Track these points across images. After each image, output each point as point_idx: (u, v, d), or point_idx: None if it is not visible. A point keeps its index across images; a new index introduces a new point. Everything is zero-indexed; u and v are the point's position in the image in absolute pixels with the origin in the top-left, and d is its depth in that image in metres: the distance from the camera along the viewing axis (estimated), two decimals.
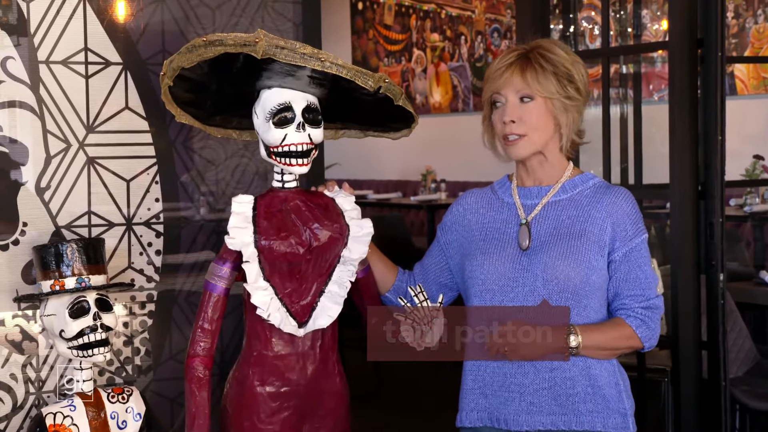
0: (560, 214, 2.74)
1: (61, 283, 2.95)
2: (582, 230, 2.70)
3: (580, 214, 2.72)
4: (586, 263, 2.67)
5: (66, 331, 2.93)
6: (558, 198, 2.77)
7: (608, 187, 2.79)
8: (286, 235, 2.83)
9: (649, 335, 2.71)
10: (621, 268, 2.70)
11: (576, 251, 2.68)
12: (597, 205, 2.73)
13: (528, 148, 2.73)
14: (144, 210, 3.31)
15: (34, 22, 3.14)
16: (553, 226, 2.73)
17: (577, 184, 2.78)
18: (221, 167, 3.47)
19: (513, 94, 2.71)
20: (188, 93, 2.93)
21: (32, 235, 3.13)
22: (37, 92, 3.14)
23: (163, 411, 3.29)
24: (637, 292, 2.70)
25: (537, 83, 2.68)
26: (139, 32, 3.31)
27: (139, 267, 3.31)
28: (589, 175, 2.82)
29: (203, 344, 2.86)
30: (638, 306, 2.69)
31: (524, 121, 2.70)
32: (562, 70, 2.71)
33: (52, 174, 3.18)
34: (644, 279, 2.71)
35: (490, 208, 2.86)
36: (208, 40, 2.71)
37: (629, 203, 2.74)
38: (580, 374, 2.70)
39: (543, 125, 2.72)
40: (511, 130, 2.72)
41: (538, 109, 2.70)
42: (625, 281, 2.70)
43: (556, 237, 2.71)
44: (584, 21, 7.69)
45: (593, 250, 2.68)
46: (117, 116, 3.26)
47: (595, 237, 2.69)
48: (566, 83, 2.71)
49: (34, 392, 3.15)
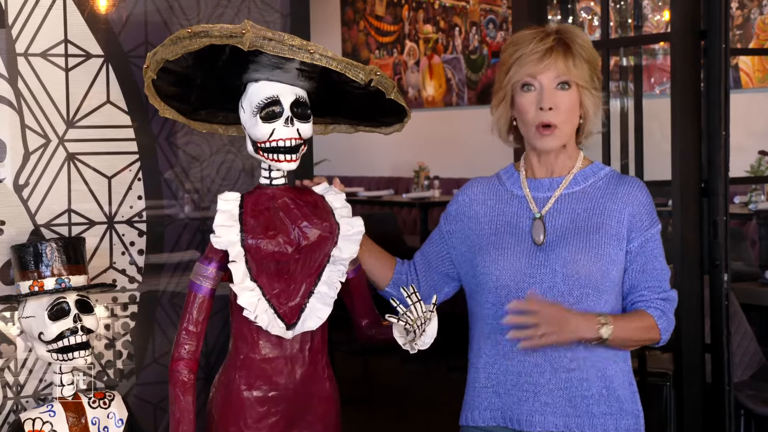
0: (576, 207, 2.77)
1: (40, 283, 2.96)
2: (600, 223, 2.73)
3: (596, 206, 2.75)
4: (606, 257, 2.70)
5: (45, 334, 2.94)
6: (571, 190, 2.79)
7: (620, 177, 2.82)
8: (274, 233, 2.85)
9: (668, 327, 2.75)
10: (637, 259, 2.74)
11: (596, 245, 2.71)
12: (612, 196, 2.76)
13: (561, 139, 2.75)
14: (126, 208, 3.32)
15: (12, 13, 3.15)
16: (570, 219, 2.76)
17: (589, 175, 2.81)
18: (206, 163, 3.48)
19: (551, 80, 2.71)
20: (172, 86, 2.95)
21: (10, 234, 3.13)
22: (16, 86, 3.15)
23: (146, 416, 3.30)
24: (654, 283, 2.74)
25: (576, 69, 2.70)
26: (121, 23, 3.32)
27: (121, 267, 3.32)
28: (599, 165, 2.85)
29: (188, 347, 2.87)
30: (656, 297, 2.73)
31: (560, 109, 2.71)
32: (592, 58, 2.75)
33: (31, 170, 3.18)
34: (661, 270, 2.76)
35: (499, 200, 2.87)
36: (193, 31, 2.72)
37: (644, 193, 2.77)
38: (596, 376, 2.74)
39: (573, 115, 2.75)
40: (549, 119, 2.71)
41: (572, 97, 2.72)
42: (642, 272, 2.74)
43: (574, 231, 2.74)
44: (583, 11, 7.71)
45: (612, 244, 2.72)
46: (98, 111, 3.27)
47: (614, 230, 2.72)
48: (593, 72, 2.75)
49: (12, 397, 3.16)
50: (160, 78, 2.89)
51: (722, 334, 3.84)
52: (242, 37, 2.65)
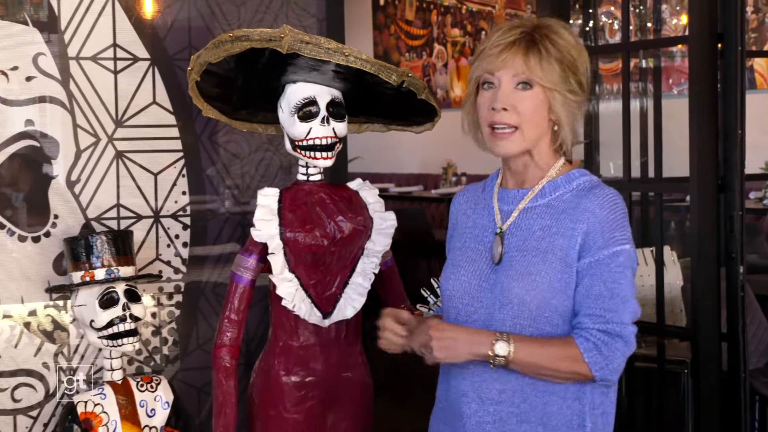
0: (533, 224, 2.29)
1: (91, 274, 2.98)
2: (550, 244, 2.24)
3: (553, 224, 2.26)
4: (545, 285, 2.21)
5: (96, 321, 2.96)
6: (534, 204, 2.31)
7: (590, 189, 2.28)
8: (311, 227, 2.86)
9: (602, 364, 2.16)
10: (583, 281, 2.21)
11: (535, 271, 2.23)
12: (572, 212, 2.24)
13: (518, 144, 2.27)
14: (171, 203, 3.35)
15: (65, 19, 3.17)
16: (523, 238, 2.28)
17: (560, 185, 2.30)
18: (246, 161, 3.50)
19: (509, 78, 2.25)
20: (215, 88, 2.96)
21: (63, 228, 3.17)
22: (68, 87, 3.18)
23: (190, 399, 3.32)
24: (596, 312, 2.18)
25: (540, 69, 2.23)
26: (167, 28, 3.34)
27: (167, 259, 3.35)
28: (575, 174, 2.32)
29: (230, 334, 2.89)
30: (594, 327, 2.17)
31: (518, 111, 2.24)
32: (568, 58, 2.25)
33: (82, 167, 3.21)
34: (608, 298, 2.18)
35: (476, 210, 2.44)
36: (235, 35, 2.74)
37: (606, 209, 2.23)
38: (531, 410, 2.25)
39: (538, 119, 2.26)
40: (501, 119, 2.25)
41: (535, 99, 2.24)
42: (585, 297, 2.20)
43: (522, 252, 2.26)
44: (604, 15, 7.68)
45: (556, 269, 2.22)
46: (145, 111, 3.30)
47: (563, 252, 2.22)
48: (570, 74, 2.26)
49: (66, 380, 3.18)
50: (203, 80, 2.91)
51: (738, 324, 3.81)
52: (281, 41, 2.66)
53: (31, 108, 3.15)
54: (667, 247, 4.75)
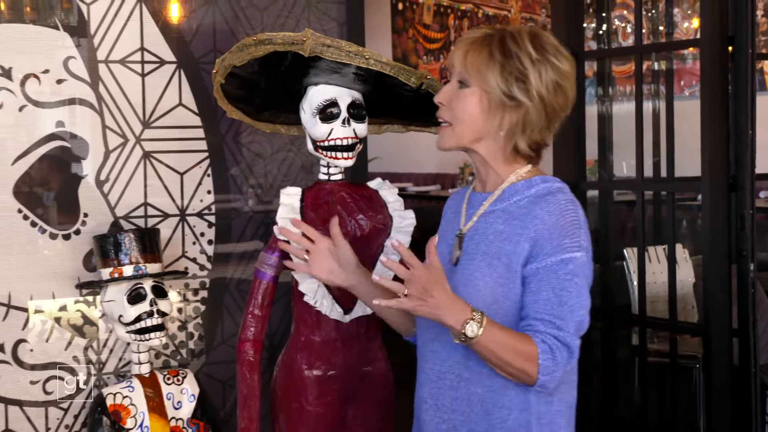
0: (488, 228, 2.21)
1: (119, 270, 3.00)
2: (498, 249, 2.16)
3: (505, 229, 2.17)
4: (487, 290, 2.14)
5: (124, 316, 2.98)
6: (494, 208, 2.23)
7: (544, 195, 2.18)
8: None
9: (551, 369, 2.07)
10: (531, 286, 2.11)
11: (480, 275, 2.15)
12: (524, 218, 2.15)
13: (450, 140, 2.25)
14: (197, 201, 3.36)
15: (94, 24, 3.19)
16: (477, 242, 2.21)
17: (518, 191, 2.21)
18: (269, 161, 3.51)
19: (454, 76, 2.22)
20: (239, 90, 2.97)
21: (92, 226, 3.18)
22: (97, 90, 3.19)
23: (215, 392, 3.33)
24: (545, 317, 2.08)
25: (476, 70, 2.16)
26: (192, 32, 3.36)
27: (193, 256, 3.36)
28: (537, 180, 2.22)
29: (253, 329, 2.90)
30: (548, 332, 2.08)
31: (452, 108, 2.21)
32: (515, 66, 2.14)
33: (111, 167, 3.23)
34: (557, 305, 2.08)
35: (454, 213, 2.39)
36: (258, 39, 2.74)
37: (555, 216, 2.13)
38: (479, 420, 2.18)
39: (471, 119, 2.19)
40: (439, 114, 2.25)
41: (470, 99, 2.18)
42: (534, 301, 2.10)
43: (472, 257, 2.19)
44: (617, 19, 7.66)
45: (499, 274, 2.14)
46: (171, 112, 3.31)
47: (508, 258, 2.14)
48: (513, 81, 2.14)
49: (95, 374, 3.21)
50: (227, 82, 2.91)
51: (749, 320, 3.81)
52: (303, 44, 2.67)
53: (62, 110, 3.16)
54: (679, 245, 4.75)
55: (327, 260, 2.44)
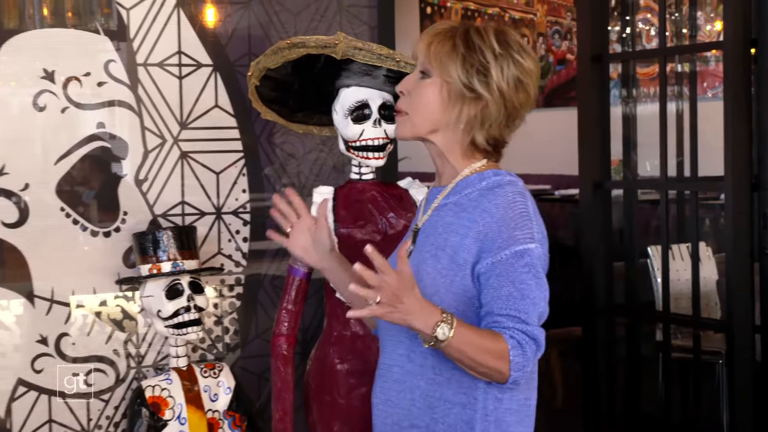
0: (438, 221, 2.13)
1: (157, 267, 3.02)
2: (444, 241, 2.08)
3: (454, 221, 2.09)
4: (429, 281, 2.05)
5: (162, 311, 3.00)
6: (446, 201, 2.15)
7: (493, 188, 2.10)
8: (364, 223, 2.87)
9: (522, 365, 1.97)
10: (490, 282, 2.01)
11: (423, 268, 2.07)
12: (473, 211, 2.07)
13: (405, 129, 2.15)
14: (232, 200, 3.37)
15: (133, 28, 3.21)
16: (427, 236, 2.14)
17: (470, 183, 2.13)
18: (301, 161, 3.52)
19: (418, 67, 2.15)
20: (273, 92, 2.98)
21: (131, 223, 3.20)
22: (136, 92, 3.22)
23: (250, 385, 3.34)
24: (510, 312, 1.98)
25: (438, 61, 2.09)
26: (228, 36, 3.37)
27: (228, 253, 3.37)
28: (489, 174, 2.13)
29: (287, 324, 2.91)
30: (515, 327, 1.98)
31: (411, 97, 2.13)
32: (477, 59, 2.08)
33: (149, 167, 3.25)
34: (519, 299, 1.99)
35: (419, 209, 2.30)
36: (292, 42, 2.76)
37: (503, 209, 2.04)
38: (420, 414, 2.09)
39: (428, 108, 2.11)
40: (398, 103, 2.17)
41: (430, 89, 2.11)
42: (496, 298, 2.00)
43: (422, 250, 2.12)
44: (641, 22, 7.62)
45: (443, 265, 2.06)
46: (207, 114, 3.33)
47: (452, 250, 2.05)
48: (474, 73, 2.07)
49: (134, 366, 3.23)
50: (262, 84, 2.93)
51: None
52: (335, 47, 2.68)
53: (102, 111, 3.19)
54: (702, 243, 4.72)
55: (304, 238, 2.33)
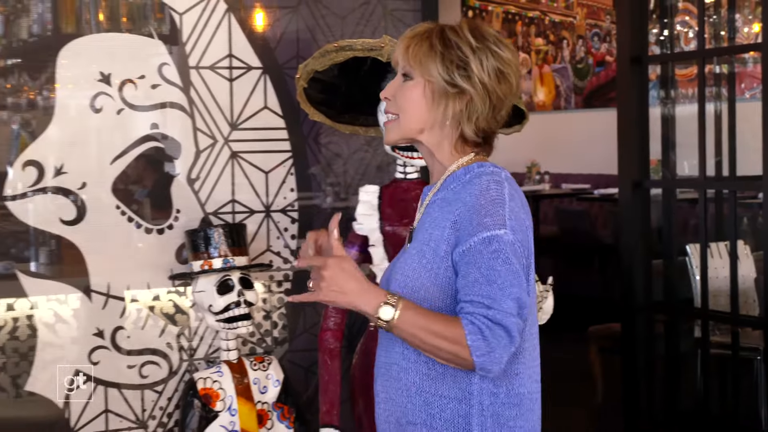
0: (426, 219, 2.10)
1: (209, 263, 3.04)
2: (428, 236, 2.05)
3: (438, 216, 2.06)
4: (414, 276, 2.03)
5: (214, 306, 3.02)
6: (435, 198, 2.13)
7: (471, 179, 2.07)
8: (408, 221, 2.87)
9: (484, 350, 1.89)
10: (460, 270, 1.98)
11: (409, 263, 2.05)
12: (453, 203, 2.05)
13: (396, 132, 2.12)
14: (280, 199, 3.39)
15: (186, 33, 3.24)
16: (418, 233, 2.10)
17: (457, 178, 2.11)
18: (347, 160, 3.53)
19: (399, 70, 2.13)
20: (320, 94, 2.99)
21: (184, 221, 3.24)
22: (188, 94, 3.24)
23: (298, 378, 3.37)
24: (474, 298, 1.93)
25: (418, 62, 2.07)
26: (276, 40, 3.39)
27: (277, 249, 3.39)
28: (473, 167, 2.10)
29: (334, 319, 2.92)
30: (477, 312, 1.91)
31: (396, 100, 2.11)
32: (456, 54, 2.06)
33: (201, 166, 3.27)
34: (485, 284, 1.93)
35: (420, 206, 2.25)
36: (339, 45, 2.76)
37: (475, 197, 2.01)
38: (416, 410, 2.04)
39: (415, 109, 2.09)
40: (386, 108, 2.14)
41: (414, 89, 2.09)
42: (464, 285, 1.95)
43: (412, 248, 2.08)
44: (679, 25, 7.56)
45: (428, 259, 2.03)
46: (257, 115, 3.35)
47: (435, 243, 2.02)
48: (454, 69, 2.05)
49: (187, 359, 3.26)
50: (310, 86, 2.94)
51: None
52: (382, 50, 2.68)
53: (156, 113, 3.22)
54: (740, 241, 4.67)
55: None
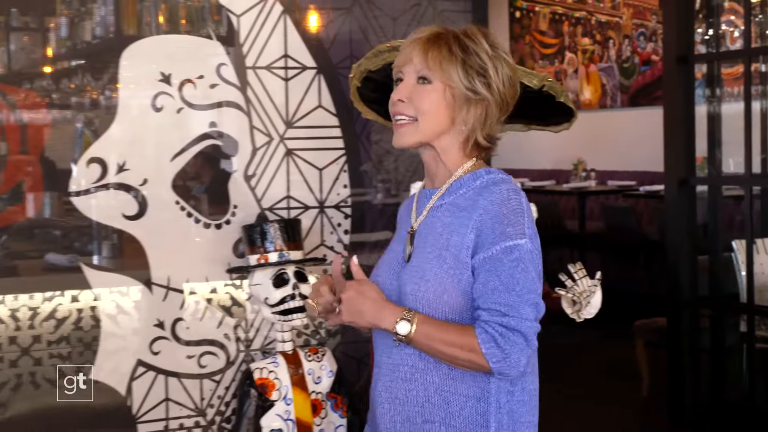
0: (436, 222, 2.08)
1: (265, 257, 3.06)
2: (446, 241, 2.04)
3: (453, 221, 2.05)
4: (436, 281, 2.01)
5: (269, 299, 3.04)
6: (441, 202, 2.11)
7: (488, 186, 2.06)
8: None
9: (499, 357, 1.93)
10: (479, 277, 1.99)
11: (429, 268, 2.03)
12: (469, 209, 2.05)
13: (413, 135, 2.08)
14: (334, 195, 3.41)
15: (243, 34, 3.26)
16: (425, 236, 2.09)
17: (464, 183, 2.10)
18: (397, 158, 3.53)
19: (412, 73, 2.09)
20: (373, 93, 2.98)
21: (241, 216, 3.26)
22: (245, 93, 3.26)
23: (351, 369, 3.38)
24: (492, 306, 1.96)
25: (438, 66, 2.06)
26: (330, 41, 3.40)
27: (330, 244, 3.41)
28: (481, 172, 2.10)
29: None
30: (493, 320, 1.95)
31: (415, 103, 2.08)
32: (475, 61, 2.07)
33: (257, 164, 3.29)
34: (504, 292, 1.96)
35: (407, 212, 2.22)
36: (392, 45, 2.75)
37: (497, 205, 2.01)
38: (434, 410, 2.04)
39: (435, 113, 2.07)
40: (400, 110, 2.10)
41: (434, 94, 2.07)
42: (483, 292, 1.98)
43: (423, 250, 2.07)
44: (725, 24, 7.47)
45: (449, 265, 2.02)
46: (311, 114, 3.37)
47: (456, 249, 2.02)
48: (474, 75, 2.06)
49: (244, 350, 3.29)
50: (363, 85, 2.92)
51: None
52: None
53: (214, 112, 3.25)
54: None
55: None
